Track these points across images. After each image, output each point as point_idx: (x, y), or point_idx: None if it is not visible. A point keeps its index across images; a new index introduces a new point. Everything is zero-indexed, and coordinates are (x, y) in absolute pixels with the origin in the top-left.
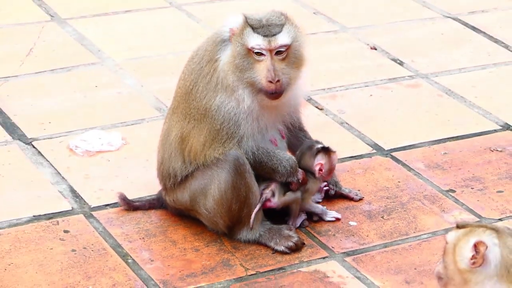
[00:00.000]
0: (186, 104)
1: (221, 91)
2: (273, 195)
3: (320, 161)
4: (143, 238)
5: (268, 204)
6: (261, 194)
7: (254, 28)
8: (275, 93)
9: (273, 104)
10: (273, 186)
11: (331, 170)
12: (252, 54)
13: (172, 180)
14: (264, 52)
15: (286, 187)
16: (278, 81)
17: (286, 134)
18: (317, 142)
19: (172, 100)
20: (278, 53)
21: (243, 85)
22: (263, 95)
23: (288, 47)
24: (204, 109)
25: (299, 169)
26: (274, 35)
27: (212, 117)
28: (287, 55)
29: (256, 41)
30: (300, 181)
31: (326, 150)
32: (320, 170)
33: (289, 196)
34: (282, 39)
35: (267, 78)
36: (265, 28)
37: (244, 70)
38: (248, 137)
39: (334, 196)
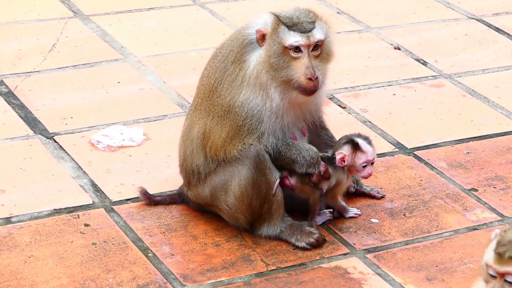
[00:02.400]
0: (209, 101)
1: (246, 88)
2: (291, 174)
3: (343, 151)
4: (163, 232)
5: (286, 182)
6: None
7: (288, 26)
8: (312, 90)
9: (307, 100)
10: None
11: (354, 167)
12: (288, 52)
13: (196, 176)
14: (302, 48)
15: (308, 178)
16: (317, 78)
17: (307, 131)
18: (361, 136)
19: (194, 97)
20: (314, 49)
21: (276, 84)
22: (298, 91)
23: (322, 42)
24: (228, 106)
25: (321, 162)
26: (310, 31)
27: (236, 113)
28: (321, 51)
29: (294, 38)
30: (321, 173)
31: (356, 145)
32: (342, 160)
33: (309, 189)
34: (318, 34)
35: (306, 76)
36: (300, 25)
37: (280, 69)
38: (269, 133)
39: (355, 194)
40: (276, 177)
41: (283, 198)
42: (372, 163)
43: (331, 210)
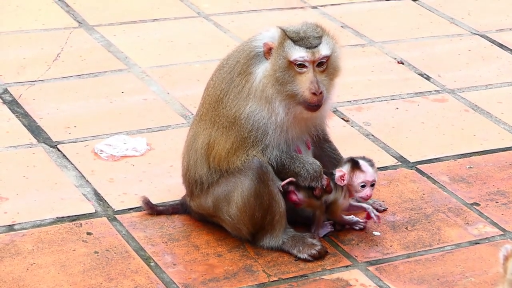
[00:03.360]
0: (215, 112)
1: (252, 101)
2: (297, 189)
3: (342, 169)
4: (166, 242)
5: (294, 197)
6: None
7: (294, 41)
8: (317, 106)
9: (312, 116)
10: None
11: (352, 187)
12: (293, 66)
13: (199, 186)
14: (307, 64)
15: (311, 192)
16: (321, 93)
17: (311, 145)
18: (365, 158)
19: (199, 108)
20: (319, 64)
21: (281, 98)
22: (302, 107)
23: (328, 58)
24: (234, 117)
25: (324, 175)
26: (316, 46)
27: (241, 125)
28: (327, 66)
29: (299, 53)
30: (324, 187)
31: (355, 164)
32: (342, 179)
33: (314, 202)
34: (324, 50)
35: (310, 90)
36: (306, 40)
37: (285, 83)
38: (274, 146)
39: None
40: (279, 186)
41: (285, 209)
42: (373, 185)
43: (332, 222)
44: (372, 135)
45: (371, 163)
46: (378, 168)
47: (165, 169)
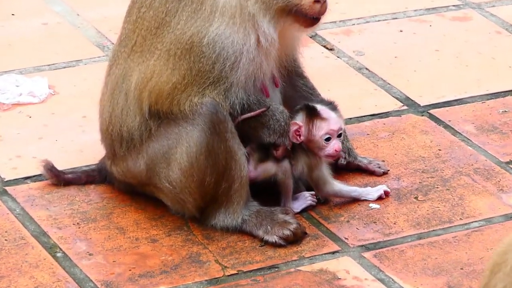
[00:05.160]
0: (157, 39)
1: (219, 20)
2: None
3: (296, 120)
4: (78, 223)
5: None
6: None
7: None
8: (316, 18)
9: (303, 32)
10: (247, 148)
11: (313, 143)
12: None
13: (125, 144)
14: None
15: (268, 154)
16: (325, 1)
17: (280, 82)
18: (324, 101)
19: (127, 36)
20: None
21: (269, 12)
22: (297, 21)
23: None
24: (190, 43)
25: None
26: None
27: (201, 53)
28: None
29: None
30: (289, 147)
31: (312, 111)
32: (297, 134)
33: (272, 166)
34: None
35: None
36: None
37: None
38: (240, 86)
39: (346, 168)
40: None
41: (248, 175)
42: (340, 135)
43: (314, 192)
44: (367, 68)
45: (332, 106)
46: (375, 114)
47: (75, 121)
